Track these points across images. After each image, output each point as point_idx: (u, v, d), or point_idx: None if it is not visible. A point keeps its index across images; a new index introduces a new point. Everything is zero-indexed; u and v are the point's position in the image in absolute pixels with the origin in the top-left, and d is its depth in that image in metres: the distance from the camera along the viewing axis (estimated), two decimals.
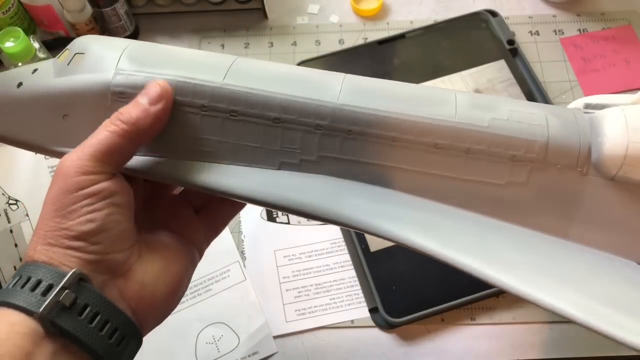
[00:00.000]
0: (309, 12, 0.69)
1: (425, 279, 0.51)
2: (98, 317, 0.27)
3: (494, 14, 0.65)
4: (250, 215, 0.56)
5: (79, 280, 0.26)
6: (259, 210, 0.56)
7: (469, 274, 0.28)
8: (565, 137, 0.31)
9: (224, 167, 0.32)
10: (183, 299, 0.51)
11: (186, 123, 0.32)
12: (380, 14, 0.68)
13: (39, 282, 0.26)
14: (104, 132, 0.29)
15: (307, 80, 0.33)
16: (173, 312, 0.51)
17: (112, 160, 0.29)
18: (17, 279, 0.27)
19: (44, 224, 0.27)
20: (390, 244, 0.52)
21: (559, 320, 0.50)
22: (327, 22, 0.68)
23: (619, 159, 0.30)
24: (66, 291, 0.26)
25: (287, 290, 0.52)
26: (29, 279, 0.26)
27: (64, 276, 0.26)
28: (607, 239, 0.32)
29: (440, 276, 0.51)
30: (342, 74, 0.34)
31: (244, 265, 0.54)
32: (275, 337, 0.50)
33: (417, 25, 0.66)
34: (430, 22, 0.66)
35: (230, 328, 0.51)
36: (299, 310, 0.51)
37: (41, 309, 0.25)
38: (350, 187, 0.32)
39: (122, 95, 0.32)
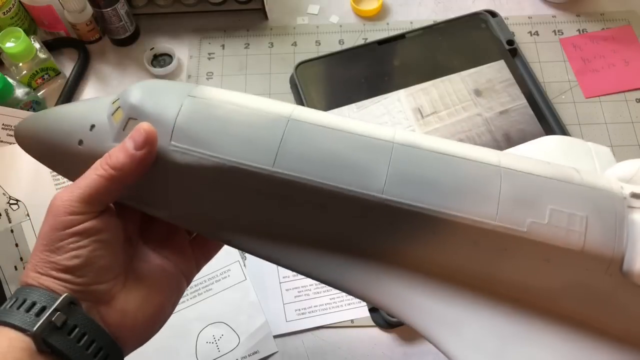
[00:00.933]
0: (309, 13, 0.69)
1: None
2: (85, 337, 0.29)
3: (493, 14, 0.65)
4: None
5: (70, 304, 0.29)
6: None
7: None
8: (601, 245, 0.31)
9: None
10: (183, 299, 0.52)
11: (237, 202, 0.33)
12: (380, 14, 0.68)
13: (33, 304, 0.29)
14: (93, 176, 0.31)
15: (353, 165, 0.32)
16: (174, 311, 0.51)
17: (99, 201, 0.31)
18: (13, 300, 0.29)
19: (36, 256, 0.30)
20: None
21: None
22: (327, 22, 0.68)
23: None
24: (58, 313, 0.28)
25: (287, 289, 0.53)
26: (24, 301, 0.29)
27: (56, 299, 0.29)
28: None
29: None
30: (391, 138, 0.33)
31: (244, 265, 0.54)
32: (275, 337, 0.50)
33: (417, 25, 0.66)
34: (430, 22, 0.66)
35: (231, 327, 0.51)
36: (299, 309, 0.52)
37: (35, 328, 0.28)
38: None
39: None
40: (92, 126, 0.34)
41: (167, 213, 0.34)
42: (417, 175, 0.32)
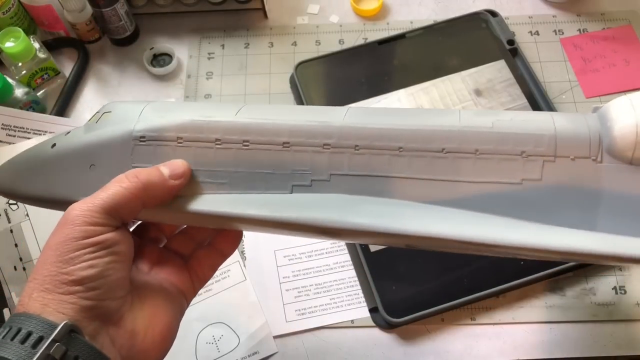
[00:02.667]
0: (309, 12, 0.69)
1: (425, 279, 0.51)
2: None
3: (494, 14, 0.65)
4: None
5: (70, 332, 0.27)
6: None
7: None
8: (572, 129, 0.31)
9: (238, 196, 0.34)
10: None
11: (201, 158, 0.34)
12: (380, 14, 0.68)
13: (29, 334, 0.26)
14: (117, 187, 0.30)
15: (314, 110, 0.35)
16: None
17: (119, 215, 0.30)
18: (7, 330, 0.27)
19: (44, 269, 0.28)
20: None
21: (559, 320, 0.50)
22: (327, 22, 0.68)
23: (631, 139, 0.30)
24: (57, 344, 0.26)
25: (287, 290, 0.52)
26: (19, 331, 0.27)
27: (55, 328, 0.26)
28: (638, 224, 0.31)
29: (440, 276, 0.51)
30: (346, 106, 0.35)
31: (244, 265, 0.54)
32: (275, 337, 0.50)
33: (417, 25, 0.66)
34: (430, 22, 0.66)
35: (230, 328, 0.51)
36: (299, 310, 0.51)
37: None
38: (364, 200, 0.32)
39: (143, 138, 0.35)
40: (68, 132, 0.37)
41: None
42: (373, 110, 0.35)
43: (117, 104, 0.38)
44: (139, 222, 0.38)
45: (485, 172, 0.32)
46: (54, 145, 0.37)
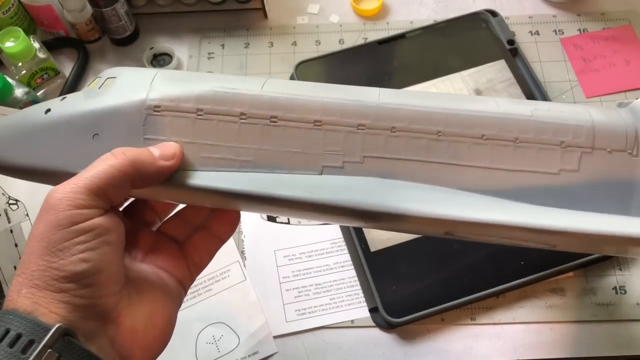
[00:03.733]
0: (308, 12, 0.69)
1: (425, 279, 0.51)
2: None
3: (494, 13, 0.65)
4: (251, 216, 0.56)
5: (64, 335, 0.24)
6: None
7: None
8: (609, 122, 0.31)
9: (264, 175, 0.31)
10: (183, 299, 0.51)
11: (224, 132, 0.32)
12: (380, 14, 0.68)
13: (18, 337, 0.24)
14: (103, 164, 0.27)
15: (345, 89, 0.33)
16: None
17: (107, 196, 0.27)
18: None
19: (31, 262, 0.25)
20: (391, 244, 0.52)
21: (559, 320, 0.50)
22: (327, 22, 0.68)
23: None
24: (49, 350, 0.24)
25: (287, 290, 0.52)
26: (7, 332, 0.24)
27: (47, 331, 0.24)
28: None
29: (440, 276, 0.51)
30: (378, 88, 0.34)
31: (244, 265, 0.54)
32: (275, 337, 0.50)
33: (417, 25, 0.66)
34: (430, 22, 0.66)
35: (230, 328, 0.51)
36: (299, 310, 0.51)
37: None
38: (402, 184, 0.31)
39: (158, 108, 0.32)
40: (64, 97, 0.34)
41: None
42: (409, 92, 0.34)
43: (124, 69, 0.34)
44: (130, 201, 0.35)
45: (524, 161, 0.31)
46: (48, 110, 0.33)
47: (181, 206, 0.37)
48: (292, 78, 0.63)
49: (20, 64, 0.61)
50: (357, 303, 0.52)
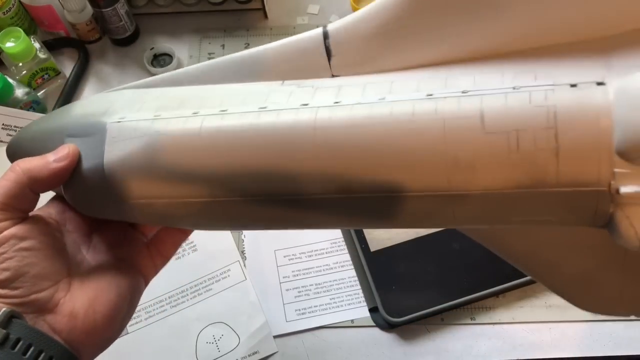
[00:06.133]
0: (309, 13, 0.69)
1: (425, 279, 0.51)
2: (32, 349, 0.28)
3: None
4: None
5: (10, 318, 0.28)
6: None
7: None
8: None
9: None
10: (183, 299, 0.52)
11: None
12: None
13: None
14: (2, 182, 0.30)
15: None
16: (174, 311, 0.51)
17: (15, 207, 0.30)
18: None
19: None
20: (391, 244, 0.52)
21: (559, 320, 0.50)
22: (327, 22, 0.68)
23: None
24: None
25: (287, 290, 0.53)
26: None
27: None
28: None
29: (440, 276, 0.51)
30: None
31: (244, 265, 0.54)
32: (275, 337, 0.50)
33: None
34: None
35: (231, 328, 0.51)
36: (299, 310, 0.52)
37: None
38: None
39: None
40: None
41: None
42: None
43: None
44: None
45: None
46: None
47: None
48: None
49: (20, 64, 0.61)
50: (357, 303, 0.52)
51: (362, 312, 0.51)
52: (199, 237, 0.55)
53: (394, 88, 0.28)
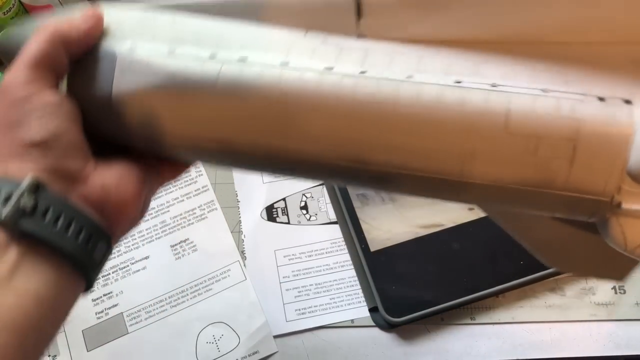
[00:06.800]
0: None
1: (425, 279, 0.51)
2: (61, 218, 0.26)
3: None
4: (250, 215, 0.56)
5: (37, 186, 0.26)
6: (259, 210, 0.56)
7: None
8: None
9: None
10: (183, 299, 0.52)
11: None
12: None
13: None
14: (33, 43, 0.29)
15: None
16: (174, 311, 0.51)
17: (50, 68, 0.29)
18: None
19: None
20: (390, 244, 0.52)
21: (559, 320, 0.50)
22: None
23: None
24: (25, 197, 0.25)
25: (287, 289, 0.53)
26: None
27: (20, 184, 0.26)
28: None
29: (440, 276, 0.51)
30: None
31: (244, 265, 0.54)
32: (275, 337, 0.50)
33: None
34: None
35: (231, 327, 0.51)
36: (299, 309, 0.52)
37: (3, 216, 0.25)
38: None
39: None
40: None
41: None
42: None
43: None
44: None
45: None
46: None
47: None
48: None
49: None
50: (356, 303, 0.52)
51: (362, 312, 0.51)
52: (199, 237, 0.55)
53: (422, 65, 0.27)
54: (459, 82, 0.26)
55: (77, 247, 0.27)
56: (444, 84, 0.26)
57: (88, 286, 0.28)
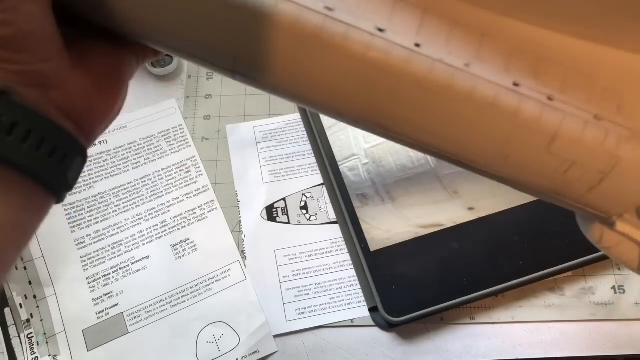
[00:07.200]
0: None
1: (425, 279, 0.51)
2: (31, 135, 0.22)
3: None
4: (251, 215, 0.56)
5: (1, 95, 0.21)
6: (260, 210, 0.56)
7: None
8: None
9: None
10: (183, 299, 0.52)
11: None
12: None
13: None
14: None
15: None
16: (174, 311, 0.51)
17: None
18: None
19: None
20: (391, 243, 0.52)
21: (558, 319, 0.50)
22: None
23: None
24: None
25: (287, 289, 0.53)
26: None
27: None
28: None
29: (440, 276, 0.51)
30: None
31: (244, 265, 0.54)
32: (275, 337, 0.50)
33: None
34: None
35: (231, 327, 0.51)
36: (299, 309, 0.52)
37: None
38: None
39: None
40: None
41: None
42: None
43: None
44: None
45: None
46: None
47: None
48: None
49: None
50: (356, 302, 0.52)
51: (362, 311, 0.51)
52: (199, 237, 0.55)
53: (483, 51, 0.25)
54: (517, 85, 0.25)
55: (50, 167, 0.23)
56: (501, 84, 0.24)
57: (58, 202, 0.25)
